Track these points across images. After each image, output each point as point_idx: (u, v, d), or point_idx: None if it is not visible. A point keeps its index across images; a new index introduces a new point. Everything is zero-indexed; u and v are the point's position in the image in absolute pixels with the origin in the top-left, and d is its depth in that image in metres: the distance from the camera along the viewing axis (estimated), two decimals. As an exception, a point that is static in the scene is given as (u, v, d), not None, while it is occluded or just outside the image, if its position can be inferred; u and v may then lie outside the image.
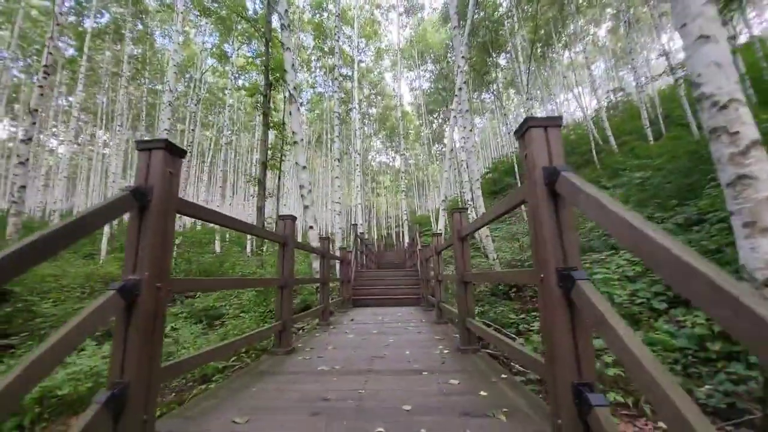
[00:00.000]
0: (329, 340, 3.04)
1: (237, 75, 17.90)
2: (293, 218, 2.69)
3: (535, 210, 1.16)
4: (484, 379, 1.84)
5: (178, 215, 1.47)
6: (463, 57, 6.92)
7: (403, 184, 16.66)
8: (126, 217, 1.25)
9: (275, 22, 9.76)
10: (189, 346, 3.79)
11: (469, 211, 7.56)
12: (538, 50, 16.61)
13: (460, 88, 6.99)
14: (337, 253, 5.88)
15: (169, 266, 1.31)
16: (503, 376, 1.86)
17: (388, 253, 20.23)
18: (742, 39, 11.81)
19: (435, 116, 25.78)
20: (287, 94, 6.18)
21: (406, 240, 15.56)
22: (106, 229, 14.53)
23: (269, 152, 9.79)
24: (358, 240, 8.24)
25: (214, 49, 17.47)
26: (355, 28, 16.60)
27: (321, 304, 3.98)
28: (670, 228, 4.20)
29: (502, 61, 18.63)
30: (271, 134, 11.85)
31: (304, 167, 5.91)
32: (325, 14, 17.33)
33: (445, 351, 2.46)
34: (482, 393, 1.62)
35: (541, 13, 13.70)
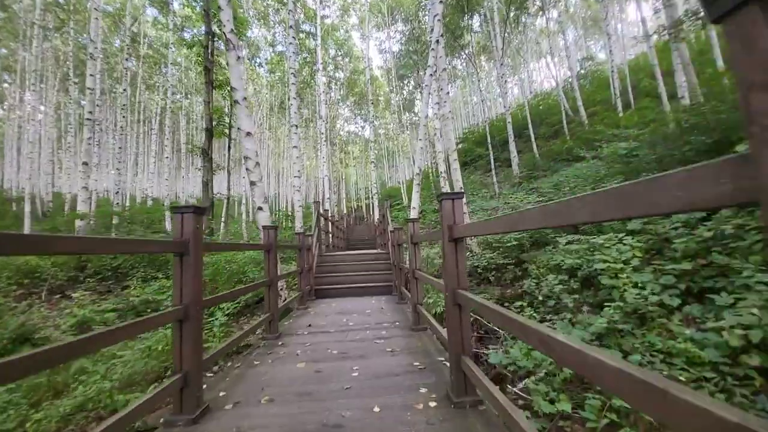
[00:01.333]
0: (269, 376, 2.19)
1: (182, 28, 15.43)
2: (196, 211, 1.71)
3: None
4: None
5: None
6: (441, 2, 5.81)
7: (373, 155, 15.56)
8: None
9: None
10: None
11: (441, 184, 6.70)
12: (512, 14, 15.58)
13: (437, 41, 5.93)
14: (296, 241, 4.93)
15: None
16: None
17: (357, 227, 19.38)
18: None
19: (405, 82, 24.28)
20: (224, 39, 4.86)
21: (377, 214, 14.78)
22: (27, 207, 12.40)
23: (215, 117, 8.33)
24: (321, 219, 7.29)
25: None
26: (317, -26, 14.59)
27: (267, 312, 3.10)
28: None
29: (475, 24, 17.47)
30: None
31: (249, 134, 4.76)
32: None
33: (432, 404, 1.70)
34: None
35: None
